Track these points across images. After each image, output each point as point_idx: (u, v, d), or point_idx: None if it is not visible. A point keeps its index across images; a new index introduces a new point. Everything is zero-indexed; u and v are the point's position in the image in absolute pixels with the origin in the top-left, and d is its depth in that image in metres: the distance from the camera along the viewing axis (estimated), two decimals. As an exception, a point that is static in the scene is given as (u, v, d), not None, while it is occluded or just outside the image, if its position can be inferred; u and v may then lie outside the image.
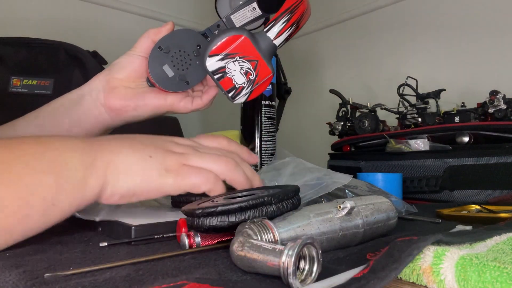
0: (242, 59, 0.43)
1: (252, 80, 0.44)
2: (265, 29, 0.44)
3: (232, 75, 0.43)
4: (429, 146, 0.74)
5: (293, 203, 0.35)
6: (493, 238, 0.33)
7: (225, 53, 0.42)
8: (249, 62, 0.43)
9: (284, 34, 0.45)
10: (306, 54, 1.51)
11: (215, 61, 0.42)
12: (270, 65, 0.45)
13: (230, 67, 0.43)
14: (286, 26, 0.45)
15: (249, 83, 0.44)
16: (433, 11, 1.13)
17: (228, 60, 0.43)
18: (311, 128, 1.45)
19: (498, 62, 0.99)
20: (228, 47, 0.42)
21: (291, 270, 0.23)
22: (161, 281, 0.25)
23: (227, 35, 0.42)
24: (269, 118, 0.82)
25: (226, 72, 0.43)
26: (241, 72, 0.43)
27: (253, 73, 0.44)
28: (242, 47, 0.42)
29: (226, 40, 0.42)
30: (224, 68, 0.43)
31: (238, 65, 0.43)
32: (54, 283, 0.26)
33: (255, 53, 0.43)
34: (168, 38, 0.47)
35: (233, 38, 0.42)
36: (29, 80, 0.80)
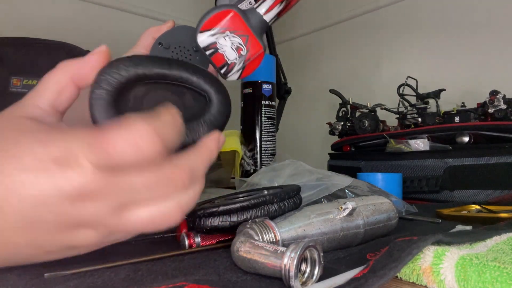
0: (233, 34, 0.43)
1: (244, 55, 0.44)
2: (255, 5, 0.44)
3: (224, 51, 0.43)
4: (429, 146, 0.74)
5: (295, 202, 0.35)
6: (493, 238, 0.33)
7: (215, 28, 0.42)
8: (239, 37, 0.43)
9: (275, 9, 0.44)
10: (306, 54, 1.51)
11: (206, 37, 0.43)
12: (261, 41, 0.45)
13: (221, 42, 0.43)
14: (276, 1, 0.44)
15: (240, 59, 0.44)
16: (433, 11, 1.14)
17: (218, 36, 0.43)
18: (311, 128, 1.45)
19: (498, 62, 0.99)
20: (218, 23, 0.42)
21: (292, 273, 0.23)
22: (160, 281, 0.25)
23: (216, 10, 0.43)
24: (269, 118, 0.82)
25: (217, 47, 0.43)
26: (232, 48, 0.43)
27: (244, 48, 0.43)
28: (232, 22, 0.42)
29: (216, 15, 0.42)
30: (215, 43, 0.43)
31: (229, 40, 0.43)
32: (54, 283, 0.26)
33: (245, 28, 0.43)
34: (168, 35, 0.47)
35: (222, 13, 0.42)
36: (29, 80, 0.80)
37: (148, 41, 0.47)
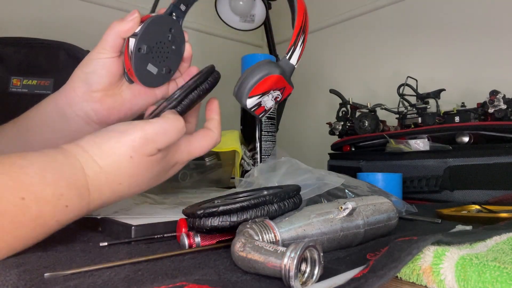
0: (274, 91, 0.47)
1: (279, 100, 0.49)
2: (287, 57, 0.48)
3: (265, 104, 0.48)
4: (429, 146, 0.74)
5: (295, 202, 0.35)
6: (493, 238, 0.33)
7: (262, 93, 0.46)
8: (278, 90, 0.48)
9: (301, 55, 0.50)
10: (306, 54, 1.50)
11: (253, 101, 0.46)
12: (291, 84, 0.49)
13: (264, 100, 0.47)
14: (303, 47, 0.49)
15: (276, 103, 0.49)
16: (433, 11, 1.13)
17: (264, 96, 0.47)
18: (311, 128, 1.45)
19: (498, 62, 0.99)
20: (264, 87, 0.45)
21: (292, 273, 0.23)
22: (160, 281, 0.25)
23: (262, 75, 0.45)
24: (269, 118, 0.82)
25: (260, 104, 0.47)
26: (271, 99, 0.48)
27: (280, 96, 0.48)
28: (276, 83, 0.46)
29: (262, 82, 0.45)
30: (260, 102, 0.47)
31: (271, 96, 0.47)
32: (54, 283, 0.26)
33: (285, 83, 0.47)
34: (145, 36, 0.44)
35: (268, 78, 0.45)
36: (29, 80, 0.80)
37: (116, 41, 0.44)
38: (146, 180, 0.40)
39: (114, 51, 0.44)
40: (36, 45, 0.82)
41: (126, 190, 0.38)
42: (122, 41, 0.44)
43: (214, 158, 0.80)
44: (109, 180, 0.36)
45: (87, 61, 0.45)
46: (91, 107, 0.45)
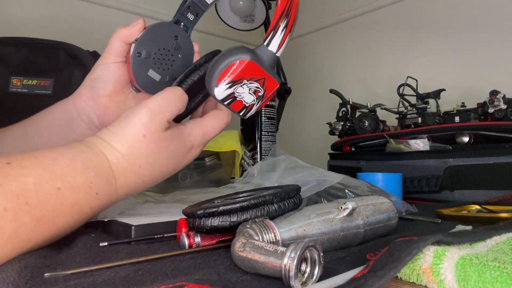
0: (250, 81, 0.42)
1: (261, 96, 0.44)
2: (265, 43, 0.43)
3: (242, 97, 0.43)
4: (429, 146, 0.74)
5: (295, 202, 0.35)
6: (493, 238, 0.33)
7: (232, 80, 0.41)
8: (256, 81, 0.43)
9: (285, 42, 0.43)
10: (306, 54, 1.51)
11: (223, 90, 0.42)
12: (277, 77, 0.44)
13: (239, 91, 0.42)
14: (286, 33, 0.43)
15: (258, 99, 0.44)
16: (433, 11, 1.13)
17: (236, 86, 0.42)
18: (311, 128, 1.45)
19: (498, 62, 0.99)
20: (234, 74, 0.41)
21: (292, 273, 0.23)
22: (160, 281, 0.25)
23: (230, 61, 0.41)
24: (269, 118, 0.82)
25: (235, 96, 0.43)
26: (249, 93, 0.43)
27: (262, 90, 0.43)
28: (248, 71, 0.41)
29: (230, 68, 0.41)
30: (233, 93, 0.42)
31: (247, 87, 0.42)
32: (54, 283, 0.26)
33: (261, 72, 0.42)
34: (144, 40, 0.44)
35: (237, 64, 0.41)
36: (29, 80, 0.80)
37: (121, 47, 0.45)
38: (165, 161, 0.41)
39: (119, 56, 0.45)
40: (36, 45, 0.82)
41: (147, 174, 0.40)
42: (127, 47, 0.45)
43: (214, 158, 0.80)
44: (130, 164, 0.38)
45: (95, 67, 0.47)
46: (94, 112, 0.47)
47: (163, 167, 0.42)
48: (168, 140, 0.40)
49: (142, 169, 0.39)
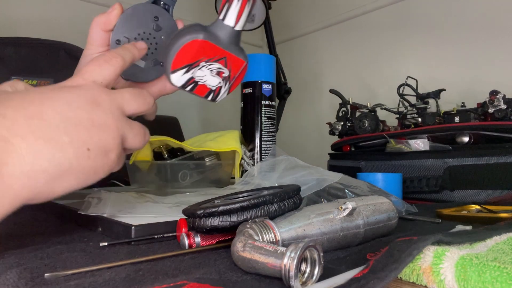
0: (208, 62, 0.38)
1: (227, 76, 0.40)
2: (220, 17, 0.38)
3: (204, 81, 0.39)
4: (429, 146, 0.74)
5: (295, 202, 0.35)
6: (493, 238, 0.33)
7: (187, 64, 0.37)
8: (217, 62, 0.38)
9: (244, 13, 0.37)
10: (306, 54, 1.51)
11: (180, 76, 0.38)
12: (242, 54, 0.40)
13: (199, 75, 0.38)
14: (243, 3, 0.37)
15: (225, 81, 0.40)
16: (433, 11, 1.13)
17: (193, 70, 0.38)
18: (311, 128, 1.45)
19: (498, 62, 0.99)
20: (188, 57, 0.37)
21: (292, 273, 0.23)
22: (161, 281, 0.25)
23: (181, 42, 0.37)
24: (269, 118, 0.82)
25: (196, 81, 0.39)
26: (212, 75, 0.39)
27: (226, 70, 0.39)
28: (203, 51, 0.37)
29: (182, 50, 0.37)
30: (193, 78, 0.38)
31: (207, 70, 0.38)
32: (54, 283, 0.26)
33: (220, 51, 0.38)
34: (121, 26, 0.41)
35: (189, 45, 0.36)
36: (29, 80, 0.80)
37: (101, 36, 0.42)
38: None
39: (100, 46, 0.43)
40: (36, 45, 0.82)
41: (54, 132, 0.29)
42: (108, 35, 0.42)
43: (214, 158, 0.80)
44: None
45: (81, 58, 0.45)
46: None
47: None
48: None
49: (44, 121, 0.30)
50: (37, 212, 0.57)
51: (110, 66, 0.36)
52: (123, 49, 0.39)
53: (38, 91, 0.32)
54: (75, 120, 0.30)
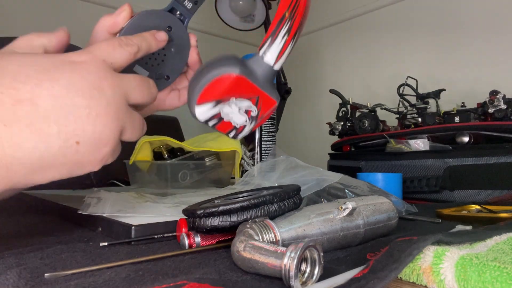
0: (239, 99, 0.34)
1: (255, 116, 0.36)
2: (260, 53, 0.34)
3: (230, 118, 0.35)
4: (429, 146, 0.74)
5: (295, 202, 0.35)
6: (493, 238, 0.33)
7: (216, 100, 0.34)
8: (248, 100, 0.35)
9: (286, 53, 0.34)
10: (306, 54, 1.51)
11: (205, 110, 0.34)
12: (274, 94, 0.36)
13: (226, 111, 0.35)
14: (287, 41, 0.34)
15: (251, 120, 0.36)
16: (433, 11, 1.13)
17: (222, 106, 0.34)
18: (311, 128, 1.45)
19: (498, 62, 0.99)
20: (219, 91, 0.33)
21: (293, 273, 0.23)
22: (161, 281, 0.25)
23: (213, 74, 0.33)
24: (269, 118, 0.82)
25: (221, 117, 0.35)
26: (240, 112, 0.35)
27: (255, 110, 0.36)
28: (237, 87, 0.33)
29: (214, 83, 0.33)
30: (219, 113, 0.35)
31: (236, 107, 0.35)
32: (54, 283, 0.26)
33: (254, 89, 0.34)
34: (130, 31, 0.37)
35: (222, 79, 0.33)
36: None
37: (104, 37, 0.38)
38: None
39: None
40: (36, 45, 0.82)
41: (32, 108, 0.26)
42: (111, 37, 0.38)
43: (214, 158, 0.80)
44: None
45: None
46: None
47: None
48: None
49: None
50: (37, 212, 0.57)
51: (124, 51, 0.33)
52: (140, 37, 0.35)
53: (39, 65, 0.28)
54: (70, 107, 0.27)
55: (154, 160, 0.77)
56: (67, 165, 0.28)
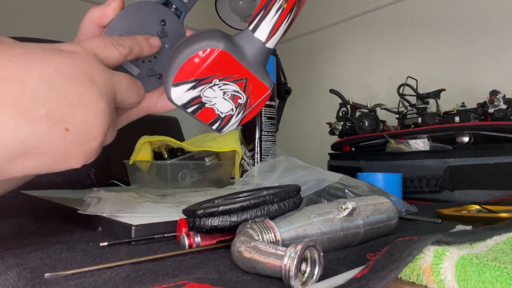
0: (223, 81, 0.29)
1: (243, 103, 0.31)
2: (250, 27, 0.30)
3: (213, 104, 0.30)
4: (429, 146, 0.74)
5: (295, 202, 0.35)
6: (493, 238, 0.33)
7: (195, 78, 0.29)
8: (234, 83, 0.30)
9: (280, 29, 0.30)
10: (306, 54, 1.51)
11: (183, 92, 0.29)
12: (267, 78, 0.31)
13: (208, 95, 0.30)
14: (281, 16, 0.29)
15: (239, 108, 0.31)
16: (433, 11, 1.13)
17: (202, 87, 0.29)
18: (311, 128, 1.45)
19: (498, 62, 0.99)
20: (199, 69, 0.28)
21: (292, 273, 0.23)
22: (161, 281, 0.25)
23: (193, 50, 0.29)
24: (269, 118, 0.82)
25: (203, 102, 0.30)
26: (225, 98, 0.30)
27: (243, 96, 0.31)
28: (220, 65, 0.29)
29: (193, 59, 0.28)
30: (200, 97, 0.30)
31: (219, 90, 0.30)
32: (54, 283, 0.26)
33: (242, 69, 0.29)
34: (119, 23, 0.34)
35: (203, 54, 0.28)
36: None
37: (91, 31, 0.36)
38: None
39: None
40: (36, 45, 0.82)
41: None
42: (101, 31, 0.36)
43: (214, 158, 0.80)
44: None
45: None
46: None
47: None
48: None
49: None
50: (37, 212, 0.57)
51: (115, 50, 0.31)
52: (133, 40, 0.33)
53: (27, 47, 0.26)
54: (61, 91, 0.25)
55: (154, 160, 0.77)
56: (51, 155, 0.25)
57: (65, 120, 0.25)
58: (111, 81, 0.29)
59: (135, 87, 0.32)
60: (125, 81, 0.30)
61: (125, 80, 0.30)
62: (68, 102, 0.25)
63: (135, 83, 0.32)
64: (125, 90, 0.30)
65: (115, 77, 0.30)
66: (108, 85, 0.28)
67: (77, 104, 0.26)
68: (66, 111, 0.25)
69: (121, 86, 0.30)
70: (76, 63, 0.27)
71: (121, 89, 0.30)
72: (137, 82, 0.33)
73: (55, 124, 0.25)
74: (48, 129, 0.24)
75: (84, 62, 0.27)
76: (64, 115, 0.25)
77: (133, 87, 0.31)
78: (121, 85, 0.30)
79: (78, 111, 0.26)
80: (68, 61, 0.26)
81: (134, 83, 0.32)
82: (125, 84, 0.30)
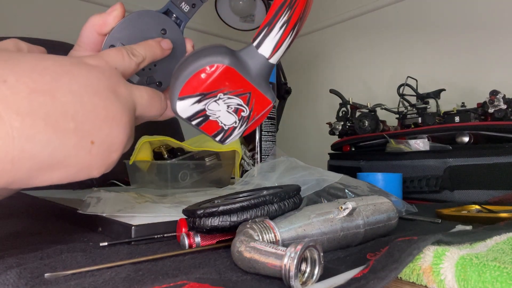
0: (228, 95, 0.31)
1: (246, 116, 0.32)
2: (254, 43, 0.31)
3: (217, 117, 0.32)
4: (429, 146, 0.74)
5: (295, 202, 0.35)
6: (493, 238, 0.33)
7: (201, 93, 0.30)
8: (238, 97, 0.31)
9: (283, 46, 0.31)
10: (306, 54, 1.51)
11: (188, 105, 0.30)
12: (269, 93, 0.32)
13: (212, 108, 0.31)
14: (285, 33, 0.30)
15: (242, 121, 0.33)
16: (433, 11, 1.14)
17: (207, 101, 0.31)
18: (311, 128, 1.45)
19: (498, 62, 0.99)
20: (204, 84, 0.30)
21: (292, 273, 0.23)
22: (161, 281, 0.25)
23: (200, 64, 0.30)
24: (269, 118, 0.82)
25: (207, 115, 0.31)
26: (229, 111, 0.32)
27: (246, 109, 0.32)
28: (225, 80, 0.30)
29: (199, 74, 0.30)
30: (204, 111, 0.31)
31: (224, 104, 0.31)
32: (54, 283, 0.26)
33: (245, 84, 0.31)
34: (120, 31, 0.35)
35: (209, 70, 0.29)
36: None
37: (92, 39, 0.36)
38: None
39: (91, 49, 0.36)
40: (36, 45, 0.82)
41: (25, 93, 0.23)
42: (102, 39, 0.36)
43: (214, 158, 0.80)
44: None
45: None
46: None
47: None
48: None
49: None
50: (37, 212, 0.57)
51: (131, 61, 0.32)
52: (146, 47, 0.34)
53: (55, 60, 0.27)
54: (89, 106, 0.26)
55: (154, 160, 0.77)
56: (76, 167, 0.26)
57: (91, 134, 0.26)
58: (131, 95, 0.30)
59: (156, 100, 0.32)
60: (146, 95, 0.31)
61: (146, 94, 0.31)
62: (95, 116, 0.26)
63: (157, 97, 0.32)
64: (145, 104, 0.31)
65: (136, 91, 0.30)
66: (129, 99, 0.29)
67: (103, 118, 0.26)
68: (93, 125, 0.26)
69: (142, 101, 0.31)
70: (101, 78, 0.28)
71: (141, 103, 0.31)
72: (159, 95, 0.33)
73: (82, 138, 0.26)
74: (76, 143, 0.25)
75: (107, 77, 0.28)
76: (91, 128, 0.26)
77: (154, 100, 0.32)
78: (142, 99, 0.31)
79: (103, 125, 0.27)
80: (94, 76, 0.27)
81: (155, 97, 0.32)
82: (146, 99, 0.31)
